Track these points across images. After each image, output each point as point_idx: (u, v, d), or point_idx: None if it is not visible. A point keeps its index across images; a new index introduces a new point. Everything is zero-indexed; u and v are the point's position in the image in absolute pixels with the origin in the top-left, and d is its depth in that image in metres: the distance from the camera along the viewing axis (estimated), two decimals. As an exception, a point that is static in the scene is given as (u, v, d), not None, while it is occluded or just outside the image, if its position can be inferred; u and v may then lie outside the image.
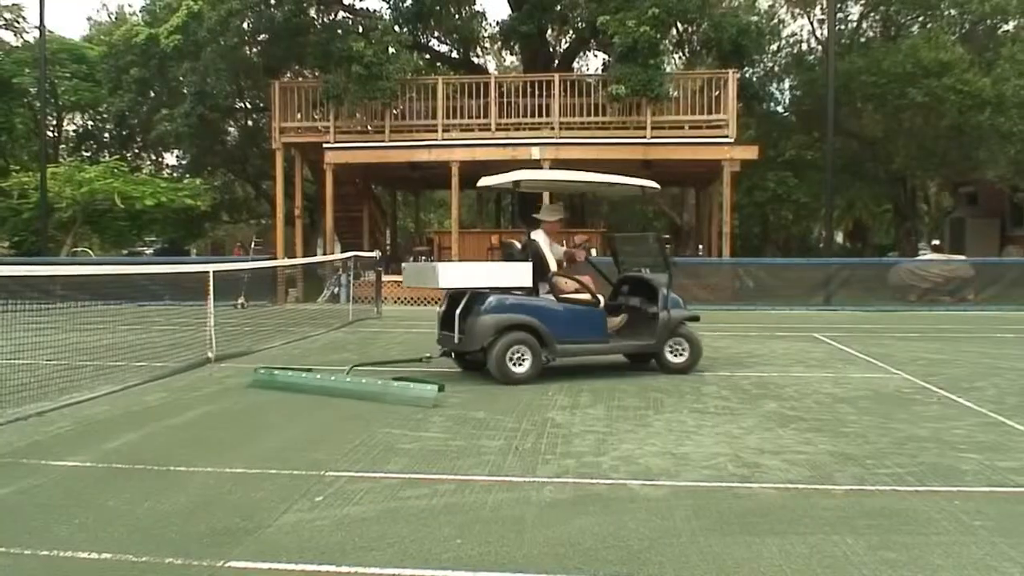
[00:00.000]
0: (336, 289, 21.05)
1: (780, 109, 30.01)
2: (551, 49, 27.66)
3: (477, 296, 9.16)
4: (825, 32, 25.42)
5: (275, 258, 21.32)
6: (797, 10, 29.88)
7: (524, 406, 7.66)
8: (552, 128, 20.93)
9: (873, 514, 4.66)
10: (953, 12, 26.32)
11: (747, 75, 25.64)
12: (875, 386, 8.86)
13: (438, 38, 27.77)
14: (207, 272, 10.71)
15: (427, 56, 27.72)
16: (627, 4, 20.52)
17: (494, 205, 34.12)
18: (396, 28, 23.18)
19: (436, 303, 19.71)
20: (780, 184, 30.74)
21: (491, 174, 10.10)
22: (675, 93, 21.58)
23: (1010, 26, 26.48)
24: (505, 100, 21.52)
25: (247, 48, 24.87)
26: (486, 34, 29.34)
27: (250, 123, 31.24)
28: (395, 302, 19.64)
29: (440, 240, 23.42)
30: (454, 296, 9.45)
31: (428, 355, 9.55)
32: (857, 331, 14.50)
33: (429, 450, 6.07)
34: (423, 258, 23.67)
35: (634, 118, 20.92)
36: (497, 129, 21.18)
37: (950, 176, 28.81)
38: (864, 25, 28.61)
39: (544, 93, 21.12)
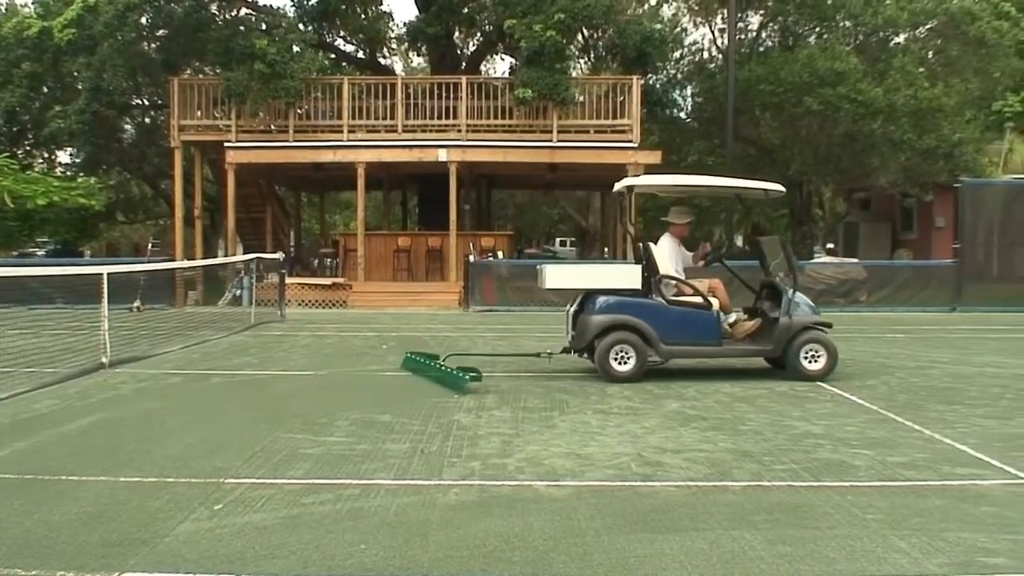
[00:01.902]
0: (238, 292, 20.61)
1: (683, 115, 30.54)
2: (458, 51, 27.68)
3: (589, 296, 9.51)
4: (726, 41, 25.95)
5: (173, 259, 20.79)
6: (699, 19, 30.47)
7: (430, 409, 7.64)
8: (459, 130, 20.94)
9: (770, 509, 4.79)
10: (848, 24, 27.14)
11: (651, 81, 26.07)
12: (772, 385, 9.09)
13: (344, 37, 27.52)
14: (101, 274, 10.37)
15: (332, 56, 27.40)
16: (534, 8, 20.68)
17: (400, 207, 33.92)
18: (301, 26, 22.87)
19: (333, 305, 19.63)
20: (682, 188, 31.24)
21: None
22: (581, 98, 21.83)
23: (901, 38, 27.48)
24: (412, 101, 21.44)
25: (145, 43, 24.23)
26: (393, 35, 29.20)
27: (148, 120, 30.37)
28: (299, 305, 19.37)
29: (346, 242, 23.20)
30: (577, 297, 9.80)
31: (549, 351, 9.85)
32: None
33: (333, 454, 6.00)
34: (328, 260, 23.45)
35: (541, 121, 21.08)
36: (404, 130, 21.10)
37: (844, 182, 29.73)
38: (763, 35, 29.31)
39: (451, 95, 21.11)
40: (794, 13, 26.98)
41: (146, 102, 29.29)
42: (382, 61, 29.35)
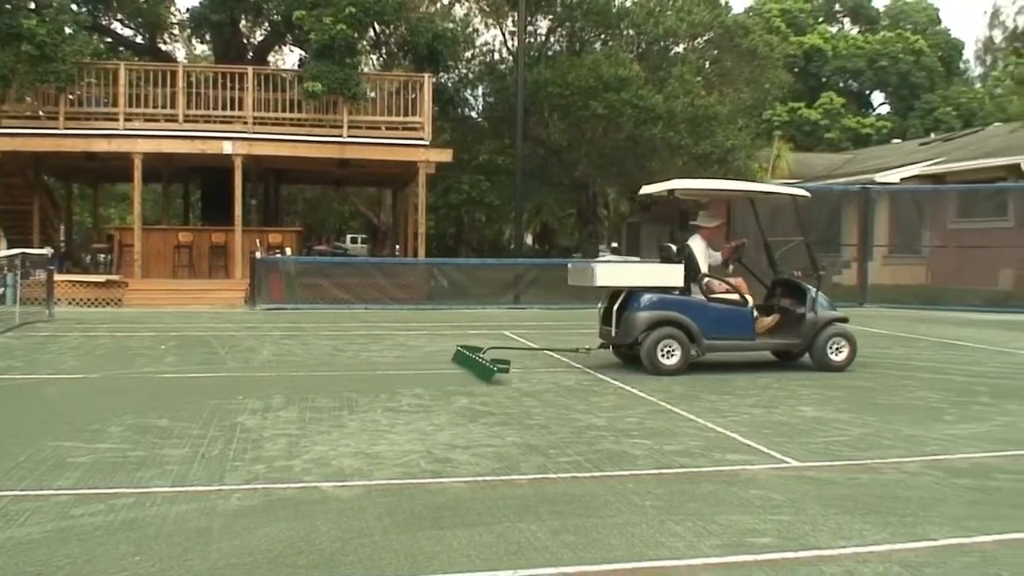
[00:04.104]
0: (0, 290, 19.08)
1: (474, 115, 30.88)
2: (245, 41, 26.75)
3: (633, 294, 9.90)
4: (516, 43, 26.46)
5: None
6: (490, 20, 30.85)
7: (212, 411, 7.34)
8: (245, 122, 20.26)
9: (555, 500, 4.91)
10: (631, 32, 28.29)
11: (443, 80, 26.19)
12: (558, 379, 9.35)
13: (121, 21, 26.01)
14: None
15: (109, 40, 25.79)
16: (324, 1, 20.30)
17: (182, 201, 32.47)
18: (73, 7, 21.41)
19: (108, 304, 18.55)
20: (474, 187, 31.67)
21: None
22: (372, 94, 21.66)
23: (680, 48, 28.93)
24: (195, 91, 20.54)
25: None
26: (175, 20, 27.87)
27: None
28: (70, 303, 18.16)
29: (122, 237, 21.89)
30: (613, 294, 10.17)
31: (588, 347, 10.45)
32: (543, 328, 15.24)
33: (106, 462, 5.66)
34: (102, 256, 22.14)
35: (331, 116, 20.74)
36: (185, 120, 20.17)
37: (627, 184, 30.98)
38: (552, 39, 30.05)
39: (237, 86, 20.40)
40: (581, 20, 27.83)
41: None
42: (163, 47, 27.94)
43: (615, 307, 10.02)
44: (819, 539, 4.33)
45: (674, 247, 10.52)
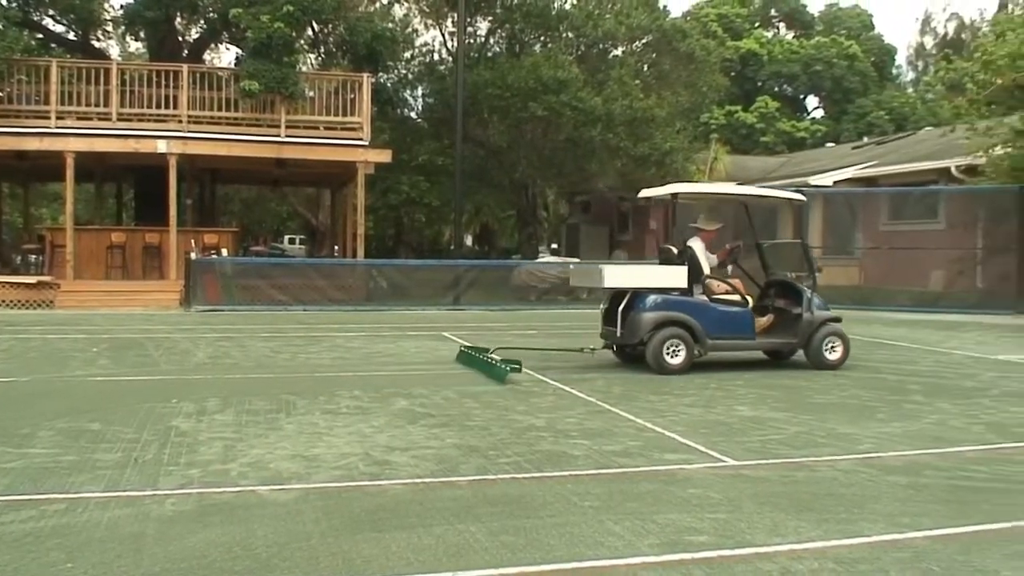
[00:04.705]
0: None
1: (414, 115, 30.79)
2: (180, 38, 26.29)
3: (639, 295, 10.07)
4: (455, 44, 26.43)
5: None
6: (430, 21, 30.78)
7: (146, 415, 7.20)
8: (180, 121, 19.94)
9: (494, 501, 4.90)
10: (570, 35, 28.43)
11: (382, 80, 26.09)
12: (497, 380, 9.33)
13: (53, 17, 25.34)
14: None
15: (40, 36, 25.15)
16: (261, -2, 20.07)
17: (115, 200, 31.82)
18: (3, 2, 20.88)
19: (39, 306, 18.10)
20: (413, 188, 31.55)
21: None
22: (311, 93, 21.47)
23: (619, 51, 29.17)
24: (128, 89, 20.14)
25: None
26: (108, 17, 27.28)
27: None
28: (0, 305, 17.72)
29: (53, 237, 21.38)
30: (616, 295, 10.33)
31: (592, 347, 10.58)
32: (482, 329, 15.21)
33: (36, 468, 5.52)
34: (32, 257, 21.62)
35: (268, 116, 20.51)
36: (119, 119, 19.78)
37: (566, 185, 31.18)
38: (492, 41, 30.06)
39: (172, 84, 20.06)
40: (521, 21, 27.90)
41: None
42: (96, 44, 27.30)
43: (620, 308, 10.15)
44: (755, 537, 4.39)
45: (674, 249, 10.72)
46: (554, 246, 26.48)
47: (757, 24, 53.87)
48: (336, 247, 25.36)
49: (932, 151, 24.69)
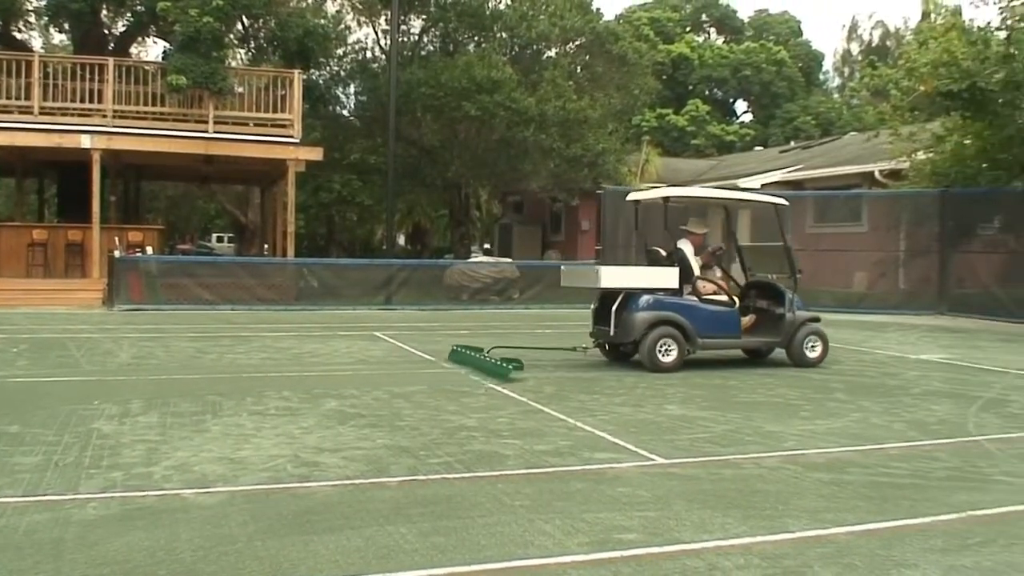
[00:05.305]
0: None
1: (346, 113, 30.53)
2: (106, 31, 25.69)
3: (632, 295, 10.29)
4: (389, 42, 26.27)
5: None
6: (363, 18, 30.55)
7: (67, 417, 7.00)
8: (105, 116, 19.49)
9: (425, 502, 4.87)
10: (504, 35, 28.47)
11: (313, 77, 25.80)
12: (429, 380, 9.29)
13: (-29, 7, 24.60)
14: None
15: (-42, 27, 24.44)
16: (190, -9, 19.72)
17: (36, 196, 30.96)
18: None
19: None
20: (345, 186, 31.31)
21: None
22: (240, 89, 21.17)
23: (552, 52, 29.29)
24: (51, 82, 19.65)
25: None
26: (31, 7, 26.53)
27: None
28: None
29: (-29, 234, 20.79)
30: (606, 295, 10.55)
31: (584, 346, 10.80)
32: (414, 329, 15.15)
33: (-53, 471, 5.34)
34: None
35: (196, 111, 20.16)
36: (41, 112, 19.27)
37: (499, 186, 31.17)
38: (425, 39, 29.95)
39: (96, 77, 19.60)
40: (455, 20, 27.85)
41: None
42: (18, 36, 26.55)
43: (613, 308, 10.32)
44: (683, 534, 4.43)
45: (663, 251, 10.97)
46: (487, 246, 26.53)
47: (688, 28, 54.66)
48: (266, 245, 25.01)
49: (856, 155, 25.30)
